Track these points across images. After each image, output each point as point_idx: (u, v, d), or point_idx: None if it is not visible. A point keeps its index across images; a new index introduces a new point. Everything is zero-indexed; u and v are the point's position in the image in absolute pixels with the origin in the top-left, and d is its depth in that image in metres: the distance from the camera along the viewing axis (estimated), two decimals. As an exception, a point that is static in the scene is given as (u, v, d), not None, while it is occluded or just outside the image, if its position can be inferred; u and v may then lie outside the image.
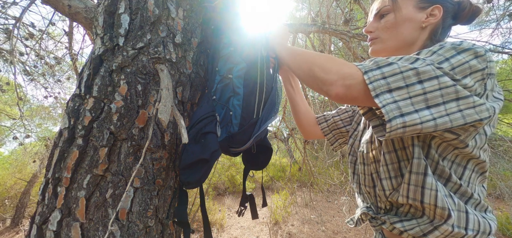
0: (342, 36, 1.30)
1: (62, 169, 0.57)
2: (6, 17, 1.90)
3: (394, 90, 0.42)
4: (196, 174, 0.59)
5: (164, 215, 0.66)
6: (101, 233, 0.54)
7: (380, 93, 0.42)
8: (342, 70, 0.47)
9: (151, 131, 0.60)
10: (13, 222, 4.02)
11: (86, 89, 0.61)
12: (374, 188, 0.61)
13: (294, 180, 5.30)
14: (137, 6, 0.67)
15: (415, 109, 0.40)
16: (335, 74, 0.47)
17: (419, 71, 0.41)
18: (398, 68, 0.42)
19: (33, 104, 4.07)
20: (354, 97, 0.46)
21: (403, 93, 0.41)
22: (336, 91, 0.46)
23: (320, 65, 0.51)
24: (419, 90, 0.41)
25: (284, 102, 2.57)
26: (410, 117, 0.40)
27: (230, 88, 0.71)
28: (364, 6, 1.70)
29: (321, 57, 0.52)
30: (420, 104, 0.41)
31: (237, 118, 0.68)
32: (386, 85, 0.42)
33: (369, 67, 0.45)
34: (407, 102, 0.41)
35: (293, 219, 4.28)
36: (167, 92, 0.57)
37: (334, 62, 0.49)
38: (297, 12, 4.75)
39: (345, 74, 0.46)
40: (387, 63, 0.44)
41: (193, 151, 0.59)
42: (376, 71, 0.44)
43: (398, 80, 0.42)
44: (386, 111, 0.41)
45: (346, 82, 0.45)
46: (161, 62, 0.66)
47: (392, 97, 0.41)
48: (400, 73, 0.42)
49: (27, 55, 2.24)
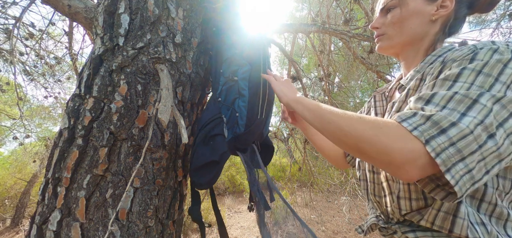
0: (342, 36, 1.30)
1: (62, 169, 0.57)
2: (6, 17, 1.90)
3: (467, 157, 0.33)
4: (207, 175, 0.61)
5: (164, 215, 0.66)
6: (101, 233, 0.54)
7: (452, 166, 0.33)
8: (406, 148, 0.36)
9: (151, 131, 0.60)
10: (13, 222, 4.02)
11: (86, 89, 0.61)
12: (384, 198, 0.55)
13: (294, 180, 5.30)
14: (137, 6, 0.67)
15: (486, 171, 0.34)
16: (399, 152, 0.36)
17: (487, 125, 0.34)
18: (467, 127, 0.33)
19: (33, 104, 4.07)
20: (429, 171, 0.36)
21: (477, 156, 0.33)
22: (408, 176, 0.37)
23: (371, 143, 0.39)
24: (493, 147, 0.33)
25: (284, 102, 2.57)
26: (482, 181, 0.35)
27: (235, 90, 0.71)
28: (364, 6, 1.70)
29: (366, 130, 0.40)
30: (492, 162, 0.34)
31: (243, 119, 0.69)
32: (457, 154, 0.33)
33: (429, 133, 0.35)
34: (480, 166, 0.34)
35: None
36: (167, 92, 0.57)
37: (385, 135, 0.38)
38: (297, 12, 4.76)
39: (411, 151, 0.35)
40: (450, 121, 0.34)
41: (203, 153, 0.61)
42: (441, 138, 0.34)
43: (470, 144, 0.33)
44: (460, 188, 0.34)
45: (417, 163, 0.35)
46: (161, 62, 0.66)
47: (465, 166, 0.33)
48: (471, 134, 0.33)
49: (27, 55, 2.24)
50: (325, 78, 2.22)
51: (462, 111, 0.35)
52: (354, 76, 4.98)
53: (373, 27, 0.61)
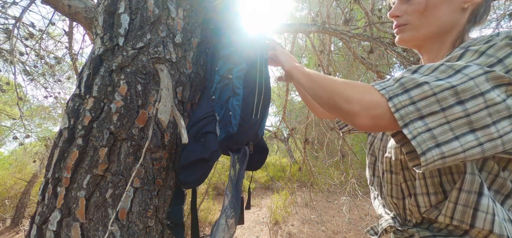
0: (342, 36, 1.30)
1: (62, 169, 0.57)
2: (6, 17, 1.90)
3: (427, 116, 0.35)
4: (196, 173, 0.58)
5: (164, 215, 0.66)
6: (101, 233, 0.54)
7: (410, 122, 0.35)
8: (365, 99, 0.40)
9: (151, 131, 0.60)
10: (13, 222, 4.02)
11: (86, 89, 0.61)
12: (403, 200, 0.53)
13: (294, 180, 5.30)
14: (137, 6, 0.67)
15: (455, 136, 0.33)
16: (358, 104, 0.41)
17: (458, 90, 0.33)
18: (430, 88, 0.35)
19: (33, 104, 4.07)
20: (383, 126, 0.40)
21: (439, 119, 0.34)
22: (361, 122, 0.41)
23: (341, 94, 0.44)
24: (460, 112, 0.33)
25: (283, 102, 2.57)
26: (449, 146, 0.33)
27: (230, 89, 0.71)
28: (364, 6, 1.70)
29: (340, 84, 0.46)
30: (461, 128, 0.33)
31: (236, 118, 0.68)
32: (416, 112, 0.35)
33: (394, 92, 0.38)
34: (445, 128, 0.34)
35: (293, 219, 4.28)
36: (167, 92, 0.57)
37: (355, 89, 0.43)
38: (297, 12, 4.76)
39: (368, 103, 0.39)
40: (416, 83, 0.36)
41: (193, 150, 0.59)
42: (403, 96, 0.37)
43: (431, 104, 0.35)
44: (418, 143, 0.34)
45: (371, 112, 0.39)
46: (161, 62, 0.66)
47: (424, 124, 0.35)
48: (434, 96, 0.35)
49: (27, 55, 2.24)
50: (325, 78, 2.21)
51: (439, 77, 0.36)
52: (354, 76, 4.97)
53: (393, 15, 0.56)
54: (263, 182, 6.27)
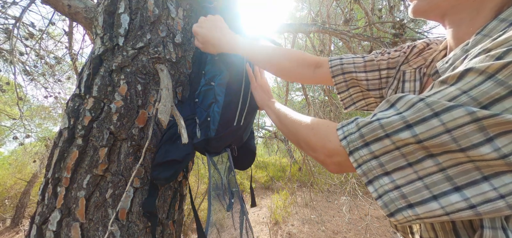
0: (342, 36, 1.30)
1: (62, 169, 0.56)
2: (6, 17, 1.90)
3: (393, 172, 0.30)
4: (167, 171, 0.60)
5: (164, 215, 0.66)
6: (101, 233, 0.54)
7: (374, 179, 0.31)
8: (326, 147, 0.38)
9: (151, 131, 0.60)
10: (13, 222, 4.02)
11: (86, 89, 0.61)
12: (412, 235, 0.45)
13: (294, 180, 5.30)
14: (137, 6, 0.67)
15: (432, 195, 0.27)
16: (321, 151, 0.39)
17: (425, 145, 0.27)
18: (392, 142, 0.29)
19: (33, 104, 4.07)
20: (351, 170, 0.36)
21: (408, 174, 0.29)
22: (330, 168, 0.40)
23: (305, 141, 0.44)
24: (432, 167, 0.27)
25: (283, 102, 2.58)
26: (426, 207, 0.27)
27: (212, 95, 0.71)
28: (364, 6, 1.70)
29: (303, 129, 0.45)
30: (440, 186, 0.27)
31: (214, 124, 0.69)
32: (379, 168, 0.31)
33: (354, 145, 0.33)
34: (418, 186, 0.28)
35: (293, 219, 4.28)
36: (167, 92, 0.57)
37: (316, 135, 0.41)
38: (297, 12, 4.76)
39: (330, 151, 0.37)
40: (376, 136, 0.31)
41: (167, 150, 0.60)
42: (363, 150, 0.32)
43: (395, 159, 0.30)
44: (384, 203, 0.30)
45: (334, 160, 0.37)
46: (161, 62, 0.66)
47: (391, 181, 0.30)
48: (397, 150, 0.29)
49: (27, 55, 2.24)
50: (325, 78, 2.21)
51: (409, 122, 0.29)
52: (354, 76, 4.96)
53: None
54: (263, 182, 6.27)
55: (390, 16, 1.88)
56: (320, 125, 0.42)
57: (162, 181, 0.60)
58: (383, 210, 0.30)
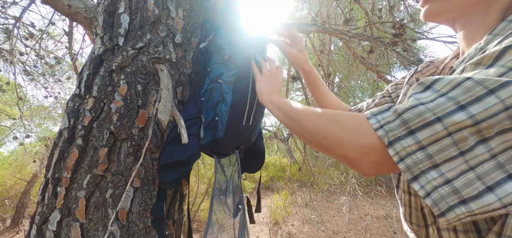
0: (342, 36, 1.30)
1: (62, 169, 0.56)
2: (6, 17, 1.90)
3: (443, 164, 0.26)
4: (173, 174, 0.59)
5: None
6: (101, 233, 0.54)
7: (420, 174, 0.27)
8: (359, 142, 0.32)
9: (151, 131, 0.60)
10: (13, 222, 4.02)
11: (86, 89, 0.61)
12: (426, 228, 0.43)
13: (294, 180, 5.30)
14: (137, 6, 0.67)
15: (487, 186, 0.25)
16: (351, 149, 0.33)
17: (481, 127, 0.25)
18: (444, 128, 0.26)
19: (33, 104, 4.07)
20: (392, 168, 0.32)
21: (460, 164, 0.26)
22: (364, 171, 0.34)
23: (328, 137, 0.36)
24: (484, 153, 0.25)
25: (284, 102, 2.57)
26: (482, 202, 0.25)
27: (219, 93, 0.69)
28: (364, 6, 1.70)
29: (324, 124, 0.38)
30: (493, 175, 0.25)
31: (223, 124, 0.66)
32: (427, 160, 0.27)
33: (394, 134, 0.29)
34: (470, 178, 0.25)
35: (293, 219, 4.28)
36: (167, 92, 0.57)
37: (344, 129, 0.34)
38: (297, 12, 4.76)
39: (365, 147, 0.32)
40: (424, 121, 0.27)
41: (171, 151, 0.59)
42: (407, 140, 0.28)
43: (446, 148, 0.26)
44: (434, 202, 0.26)
45: (370, 158, 0.32)
46: (161, 62, 0.66)
47: (440, 175, 0.26)
48: (449, 137, 0.26)
49: (27, 55, 2.24)
50: (325, 78, 2.22)
51: (462, 104, 0.26)
52: (354, 76, 4.98)
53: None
54: (263, 182, 6.27)
55: (390, 16, 1.88)
56: (344, 116, 0.36)
57: (169, 184, 0.59)
58: (433, 209, 0.27)
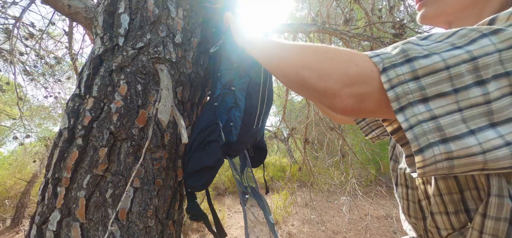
0: (342, 36, 1.30)
1: (62, 169, 0.56)
2: (6, 17, 1.90)
3: (433, 99, 0.25)
4: (202, 179, 0.62)
5: (164, 215, 0.66)
6: (101, 233, 0.54)
7: (408, 105, 0.26)
8: (348, 71, 0.29)
9: (151, 131, 0.60)
10: (13, 222, 4.02)
11: (86, 89, 0.61)
12: (424, 220, 0.43)
13: (294, 180, 5.31)
14: (137, 6, 0.67)
15: (469, 130, 0.24)
16: (337, 79, 0.30)
17: (479, 65, 0.24)
18: (442, 60, 0.25)
19: (33, 104, 4.07)
20: (372, 110, 0.30)
21: (449, 104, 0.25)
22: (341, 105, 0.30)
23: (312, 67, 0.33)
24: (478, 96, 0.24)
25: (283, 102, 2.58)
26: (462, 143, 0.24)
27: (232, 99, 0.72)
28: (364, 6, 1.70)
29: (309, 52, 0.34)
30: (477, 120, 0.24)
31: (237, 129, 0.70)
32: (418, 91, 0.26)
33: (391, 60, 0.27)
34: (455, 118, 0.25)
35: (293, 219, 4.28)
36: (167, 92, 0.57)
37: (333, 58, 0.32)
38: (297, 12, 4.76)
39: (353, 77, 0.29)
40: (423, 52, 0.26)
41: (199, 158, 0.62)
42: (403, 67, 0.26)
43: (440, 82, 0.25)
44: (415, 136, 0.25)
45: (355, 90, 0.29)
46: (161, 62, 0.66)
47: (428, 110, 0.25)
48: (446, 70, 0.25)
49: (27, 55, 2.24)
50: (325, 78, 2.21)
51: (458, 45, 0.26)
52: (354, 76, 4.95)
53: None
54: (263, 182, 6.27)
55: (390, 16, 1.88)
56: (340, 50, 0.33)
57: (198, 188, 0.63)
58: (412, 144, 0.26)
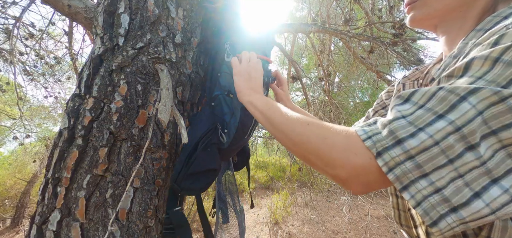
0: (342, 36, 1.30)
1: (62, 169, 0.56)
2: (6, 17, 1.90)
3: (432, 173, 0.26)
4: (200, 182, 0.61)
5: (164, 215, 0.66)
6: (101, 233, 0.54)
7: (410, 184, 0.27)
8: (349, 162, 0.31)
9: (151, 131, 0.60)
10: (13, 222, 4.02)
11: (86, 89, 0.61)
12: (415, 228, 0.44)
13: (294, 180, 5.31)
14: (137, 6, 0.67)
15: (474, 192, 0.25)
16: (342, 167, 0.32)
17: (464, 133, 0.25)
18: (429, 136, 0.26)
19: (33, 104, 4.07)
20: (380, 186, 0.32)
21: (449, 172, 0.26)
22: (354, 190, 0.33)
23: (317, 154, 0.35)
24: (474, 161, 0.25)
25: (284, 102, 2.57)
26: (471, 208, 0.25)
27: (229, 106, 0.72)
28: (364, 6, 1.70)
29: (313, 139, 0.35)
30: (480, 181, 0.25)
31: (230, 137, 0.70)
32: (416, 169, 0.27)
33: (383, 144, 0.29)
34: (458, 185, 0.26)
35: (293, 219, 4.28)
36: (167, 92, 0.57)
37: (334, 148, 0.33)
38: (297, 12, 4.76)
39: (355, 168, 0.31)
40: (409, 131, 0.28)
41: (203, 159, 0.62)
42: (395, 150, 0.28)
43: (435, 157, 0.26)
44: (425, 211, 0.26)
45: (361, 179, 0.31)
46: (161, 62, 0.66)
47: (430, 183, 0.26)
48: (436, 145, 0.26)
49: (27, 55, 2.24)
50: (325, 78, 2.22)
51: (439, 113, 0.27)
52: (354, 76, 4.98)
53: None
54: (263, 182, 6.27)
55: (390, 16, 1.88)
56: (333, 132, 0.34)
57: (195, 191, 0.61)
58: (424, 218, 0.27)
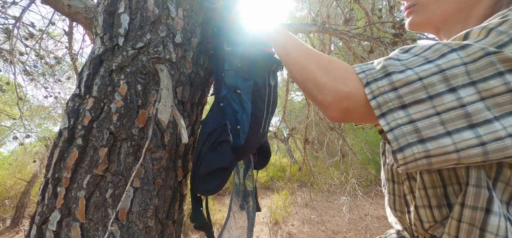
0: (342, 36, 1.30)
1: (62, 169, 0.56)
2: (6, 17, 1.90)
3: (410, 105, 0.29)
4: (214, 182, 0.61)
5: (164, 215, 0.66)
6: (101, 233, 0.54)
7: (388, 111, 0.30)
8: (339, 88, 0.35)
9: (151, 131, 0.60)
10: (13, 222, 4.02)
11: (86, 89, 0.61)
12: (408, 214, 0.46)
13: (294, 180, 5.31)
14: (137, 6, 0.67)
15: (446, 131, 0.27)
16: (330, 93, 0.36)
17: (447, 75, 0.28)
18: (415, 73, 0.30)
19: (33, 104, 4.07)
20: (356, 119, 0.36)
21: (426, 109, 0.29)
22: (332, 115, 0.37)
23: (313, 79, 0.39)
24: (453, 101, 0.28)
25: (283, 102, 2.58)
26: (437, 143, 0.27)
27: (239, 102, 0.71)
28: (364, 6, 1.70)
29: (314, 66, 0.40)
30: (456, 122, 0.27)
31: (244, 132, 0.69)
32: (396, 99, 0.30)
33: (373, 76, 0.33)
34: (434, 121, 0.28)
35: (293, 219, 4.28)
36: (167, 92, 0.57)
37: (330, 75, 0.37)
38: (297, 12, 4.76)
39: (342, 94, 0.34)
40: (399, 68, 0.31)
41: (212, 159, 0.61)
42: (383, 81, 0.31)
43: (416, 91, 0.29)
44: (395, 137, 0.29)
45: (343, 104, 0.35)
46: (161, 62, 0.66)
47: (406, 115, 0.29)
48: (419, 81, 0.29)
49: (27, 55, 2.24)
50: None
51: (429, 59, 0.30)
52: (354, 76, 4.95)
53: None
54: (263, 182, 6.27)
55: (390, 16, 1.88)
56: (338, 67, 0.38)
57: (211, 192, 0.61)
58: (392, 144, 0.30)
